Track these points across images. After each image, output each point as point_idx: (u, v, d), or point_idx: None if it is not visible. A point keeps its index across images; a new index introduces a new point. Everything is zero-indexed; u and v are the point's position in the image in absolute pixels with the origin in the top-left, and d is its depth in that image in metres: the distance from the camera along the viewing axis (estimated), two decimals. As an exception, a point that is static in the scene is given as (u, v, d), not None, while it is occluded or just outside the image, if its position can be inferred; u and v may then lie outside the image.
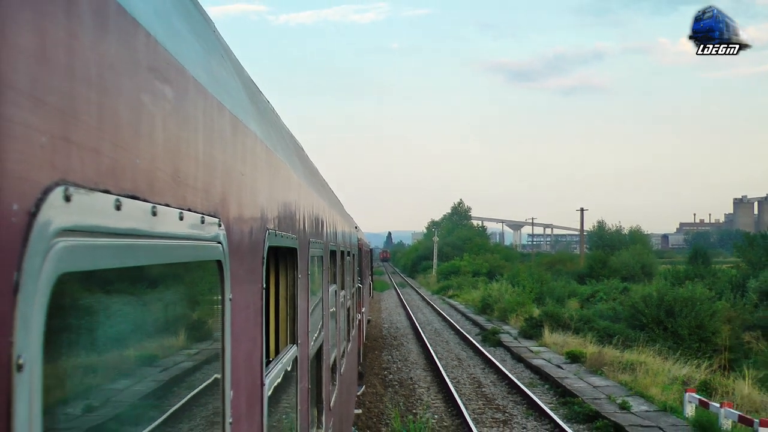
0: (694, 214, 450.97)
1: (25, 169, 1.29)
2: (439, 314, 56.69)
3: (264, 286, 3.95)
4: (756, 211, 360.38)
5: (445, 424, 21.28)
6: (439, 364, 30.30)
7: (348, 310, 15.56)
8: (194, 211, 2.42)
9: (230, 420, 2.98)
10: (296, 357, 5.46)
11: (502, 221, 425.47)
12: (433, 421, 21.29)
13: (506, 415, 22.33)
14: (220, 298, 2.90)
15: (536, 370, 29.58)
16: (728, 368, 30.58)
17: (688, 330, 38.37)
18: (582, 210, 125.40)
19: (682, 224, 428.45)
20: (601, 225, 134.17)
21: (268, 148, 4.25)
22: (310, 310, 6.33)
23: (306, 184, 6.50)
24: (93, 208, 1.56)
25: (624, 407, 21.64)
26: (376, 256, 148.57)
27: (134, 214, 1.81)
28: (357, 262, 22.48)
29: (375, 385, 26.50)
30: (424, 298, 77.00)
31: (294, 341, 5.50)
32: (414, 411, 22.42)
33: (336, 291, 10.88)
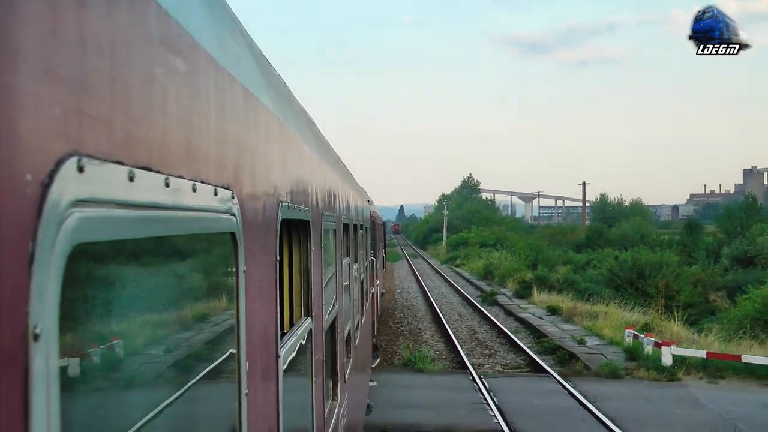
0: (705, 185, 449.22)
1: (38, 140, 1.29)
2: (446, 280, 64.13)
3: (278, 258, 3.95)
4: (765, 182, 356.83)
5: (444, 356, 28.31)
6: (443, 319, 37.12)
7: (361, 283, 15.57)
8: (207, 183, 2.42)
9: (246, 392, 2.99)
10: (311, 329, 5.47)
11: (512, 193, 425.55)
12: (435, 354, 28.12)
13: (492, 351, 29.63)
14: (234, 270, 2.90)
15: (522, 321, 37.02)
16: (685, 318, 37.29)
17: (655, 289, 46.04)
18: (584, 184, 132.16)
19: (692, 195, 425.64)
20: (603, 198, 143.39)
21: (280, 121, 4.25)
22: (323, 283, 6.34)
23: (318, 157, 6.49)
24: (106, 180, 1.56)
25: (581, 342, 29.38)
26: (389, 229, 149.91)
27: (148, 186, 1.81)
28: (370, 235, 22.49)
29: (389, 334, 32.86)
30: (433, 268, 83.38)
31: (308, 314, 5.51)
32: (420, 349, 28.36)
33: (349, 264, 10.88)
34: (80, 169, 1.42)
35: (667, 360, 24.25)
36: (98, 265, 1.76)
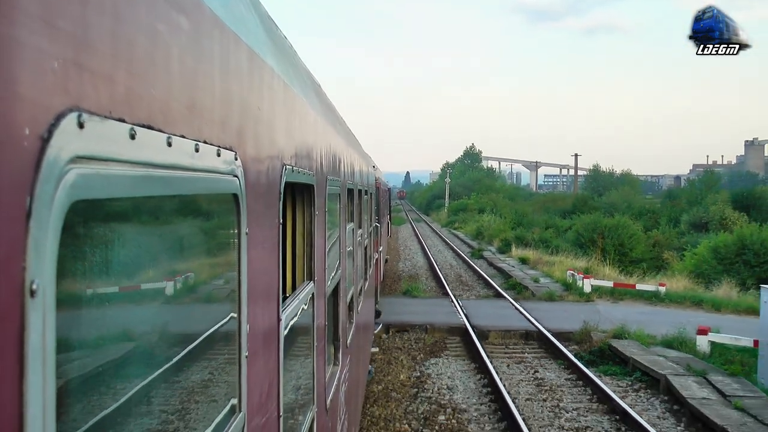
0: (707, 156, 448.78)
1: (37, 94, 1.27)
2: (444, 240, 75.07)
3: (281, 221, 3.94)
4: (766, 153, 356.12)
5: (434, 290, 37.40)
6: (436, 267, 45.94)
7: (365, 248, 15.59)
8: (210, 144, 2.40)
9: (246, 354, 2.99)
10: (313, 294, 5.47)
11: (515, 161, 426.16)
12: (427, 288, 37.61)
13: (470, 287, 38.89)
14: (236, 232, 2.89)
15: (498, 269, 46.70)
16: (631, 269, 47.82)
17: (613, 247, 55.22)
18: (576, 155, 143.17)
19: (695, 165, 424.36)
20: (596, 168, 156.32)
21: (286, 83, 4.21)
22: (326, 247, 6.34)
23: (323, 121, 6.45)
24: (107, 136, 1.54)
25: (535, 281, 39.50)
26: (394, 195, 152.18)
27: (149, 144, 1.78)
28: (375, 201, 22.50)
29: (394, 278, 41.50)
30: (434, 230, 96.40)
31: (311, 278, 5.51)
32: (416, 284, 37.48)
33: (353, 229, 10.87)
34: (80, 125, 1.40)
35: (587, 288, 34.98)
36: (97, 223, 1.74)
